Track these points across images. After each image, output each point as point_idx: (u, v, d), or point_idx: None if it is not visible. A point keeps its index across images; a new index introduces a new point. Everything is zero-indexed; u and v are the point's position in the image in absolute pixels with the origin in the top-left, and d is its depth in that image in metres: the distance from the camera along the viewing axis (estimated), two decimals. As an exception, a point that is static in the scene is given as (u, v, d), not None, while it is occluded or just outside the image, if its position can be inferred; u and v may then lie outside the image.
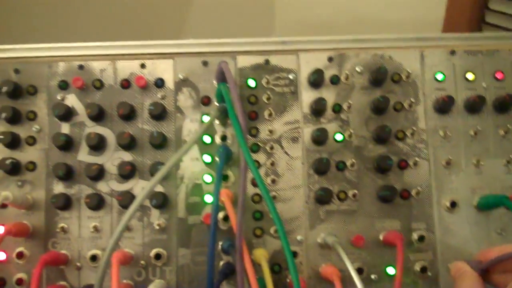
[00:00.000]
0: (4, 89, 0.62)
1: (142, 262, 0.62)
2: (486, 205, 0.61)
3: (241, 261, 0.54)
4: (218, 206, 0.56)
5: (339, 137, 0.63)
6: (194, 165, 0.63)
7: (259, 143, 0.63)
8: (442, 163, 0.63)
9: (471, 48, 0.65)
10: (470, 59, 0.65)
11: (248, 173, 0.60)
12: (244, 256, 0.54)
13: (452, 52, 0.65)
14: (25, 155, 0.63)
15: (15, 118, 0.63)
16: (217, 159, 0.62)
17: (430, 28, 0.94)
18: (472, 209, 0.63)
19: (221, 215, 0.60)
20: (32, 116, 0.64)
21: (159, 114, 0.62)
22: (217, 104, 0.61)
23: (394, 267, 0.61)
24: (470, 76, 0.64)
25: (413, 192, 0.62)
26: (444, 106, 0.63)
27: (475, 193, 0.63)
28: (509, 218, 0.62)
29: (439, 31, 0.92)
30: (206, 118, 0.63)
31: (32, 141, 0.63)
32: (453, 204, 0.62)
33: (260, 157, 0.63)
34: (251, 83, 0.63)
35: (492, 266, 0.50)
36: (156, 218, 0.62)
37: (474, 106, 0.63)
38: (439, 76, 0.64)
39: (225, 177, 0.62)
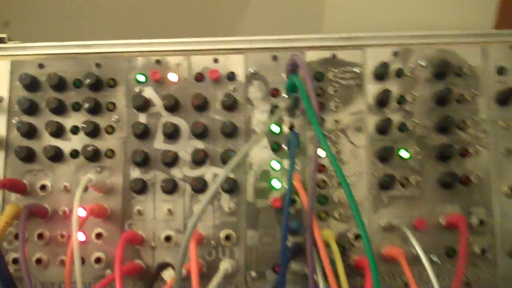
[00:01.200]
0: (87, 81, 0.75)
1: (213, 242, 0.73)
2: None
3: (311, 236, 0.64)
4: (292, 187, 0.67)
5: (402, 127, 0.74)
6: (263, 153, 0.75)
7: (325, 133, 0.74)
8: (501, 151, 0.73)
9: (531, 43, 0.76)
10: (531, 53, 0.75)
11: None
12: (315, 231, 0.64)
13: (513, 47, 0.76)
14: (104, 143, 0.75)
15: (96, 109, 0.76)
16: (284, 147, 0.74)
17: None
18: None
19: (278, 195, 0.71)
20: (112, 107, 0.76)
21: (230, 105, 0.74)
22: (286, 96, 0.73)
23: (453, 249, 0.71)
24: (530, 70, 0.75)
25: (473, 178, 0.72)
26: (505, 98, 0.73)
27: None
28: None
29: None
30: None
31: (111, 130, 0.76)
32: (512, 189, 0.72)
33: (326, 145, 0.74)
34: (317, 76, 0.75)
35: None
36: (227, 202, 0.74)
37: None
38: (501, 70, 0.75)
39: (291, 164, 0.73)
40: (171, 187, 0.72)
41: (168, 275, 0.67)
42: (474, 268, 0.71)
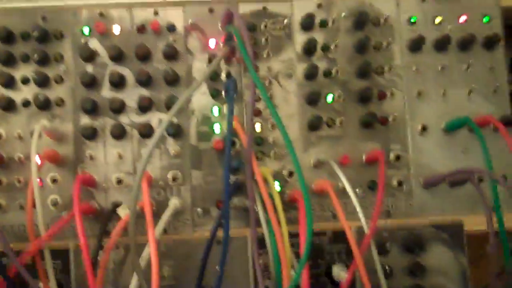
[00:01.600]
0: (34, 33, 0.83)
1: (161, 183, 0.84)
2: (452, 127, 0.85)
3: (251, 172, 0.76)
4: (232, 129, 0.77)
5: (327, 73, 0.86)
6: (203, 99, 0.85)
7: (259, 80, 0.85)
8: (414, 94, 0.87)
9: (438, -5, 0.89)
10: (438, 5, 0.89)
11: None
12: (254, 168, 0.75)
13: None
14: (54, 92, 0.83)
15: (44, 60, 0.83)
16: (222, 93, 0.85)
17: None
18: (440, 132, 0.85)
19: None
20: (59, 58, 0.84)
21: (171, 54, 0.84)
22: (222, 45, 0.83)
23: (374, 182, 0.85)
24: (438, 20, 0.88)
25: (390, 119, 0.86)
26: (415, 45, 0.86)
27: (443, 119, 0.86)
28: (471, 139, 0.86)
29: None
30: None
31: (60, 79, 0.84)
32: (424, 128, 0.86)
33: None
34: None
35: None
36: (172, 145, 0.84)
37: (440, 44, 0.87)
38: (412, 20, 0.88)
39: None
40: (119, 133, 0.82)
41: (123, 212, 0.78)
42: (393, 199, 0.85)
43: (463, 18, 0.86)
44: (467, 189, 0.81)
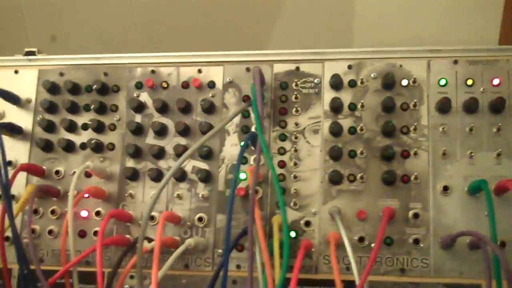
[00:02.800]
0: (95, 87, 1.07)
1: (188, 223, 1.02)
2: (472, 190, 0.93)
3: (252, 215, 0.89)
4: (237, 179, 0.89)
5: (352, 130, 0.98)
6: (234, 150, 1.03)
7: (286, 133, 1.00)
8: (439, 154, 0.94)
9: (473, 58, 1.00)
10: (471, 67, 0.99)
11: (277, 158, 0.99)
12: (255, 212, 0.89)
13: (455, 62, 1.00)
14: (107, 138, 1.04)
15: (102, 109, 1.07)
16: (252, 147, 1.02)
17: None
18: (463, 194, 0.92)
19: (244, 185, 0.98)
20: (114, 108, 1.06)
21: (208, 108, 1.03)
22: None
23: (391, 239, 0.95)
24: (469, 82, 0.98)
25: (412, 177, 0.94)
26: (443, 106, 0.96)
27: (467, 181, 0.92)
28: (496, 202, 0.93)
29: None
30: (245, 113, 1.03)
31: (113, 127, 1.06)
32: (446, 188, 0.94)
33: (287, 144, 0.99)
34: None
35: None
36: (201, 189, 1.02)
37: (470, 106, 0.96)
38: (442, 82, 0.99)
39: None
40: (156, 175, 1.01)
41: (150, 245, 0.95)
42: (408, 257, 0.92)
43: (496, 81, 0.95)
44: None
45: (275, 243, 0.85)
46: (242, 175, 0.98)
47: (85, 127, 1.03)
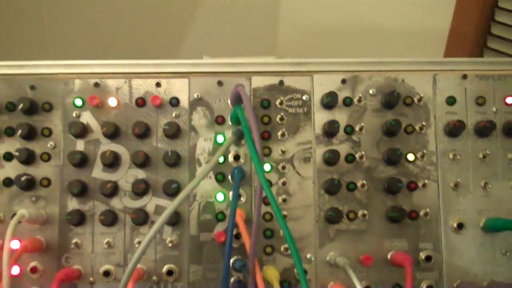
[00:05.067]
0: (21, 106, 0.85)
1: (154, 277, 0.84)
2: (493, 228, 0.83)
3: (253, 281, 0.76)
4: (233, 226, 0.78)
5: (350, 158, 0.86)
6: (207, 184, 0.86)
7: (271, 163, 0.86)
8: (450, 185, 0.85)
9: (483, 73, 0.89)
10: (482, 83, 0.89)
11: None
12: (257, 277, 0.76)
13: (464, 77, 0.89)
14: (39, 171, 0.84)
15: (30, 134, 0.84)
16: (229, 178, 0.86)
17: (435, 37, 1.18)
18: (478, 231, 0.84)
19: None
20: (47, 133, 0.85)
21: (173, 133, 0.85)
22: (233, 127, 0.84)
23: (400, 286, 0.84)
24: (480, 100, 0.88)
25: (421, 213, 0.84)
26: (454, 130, 0.86)
27: (482, 215, 0.84)
28: (513, 239, 0.85)
29: (444, 40, 1.17)
30: (220, 138, 0.86)
31: (47, 157, 0.84)
32: (460, 226, 0.84)
33: (272, 176, 0.85)
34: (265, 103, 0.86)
35: None
36: (169, 235, 0.84)
37: (483, 130, 0.86)
38: (451, 100, 0.88)
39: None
40: (110, 220, 0.82)
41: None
42: (420, 304, 0.82)
43: (510, 100, 0.85)
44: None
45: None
46: (220, 216, 0.82)
47: (8, 157, 0.81)
